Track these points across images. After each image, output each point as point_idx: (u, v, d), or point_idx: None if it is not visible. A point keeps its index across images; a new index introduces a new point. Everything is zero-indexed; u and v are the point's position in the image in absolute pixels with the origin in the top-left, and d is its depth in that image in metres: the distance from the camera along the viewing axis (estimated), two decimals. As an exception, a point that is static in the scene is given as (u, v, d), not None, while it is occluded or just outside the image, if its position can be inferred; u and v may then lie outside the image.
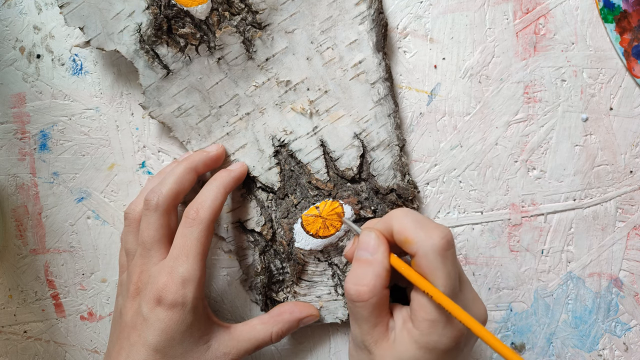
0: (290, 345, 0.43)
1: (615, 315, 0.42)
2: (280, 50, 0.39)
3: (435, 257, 0.30)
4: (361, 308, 0.32)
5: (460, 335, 0.31)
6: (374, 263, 0.32)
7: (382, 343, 0.32)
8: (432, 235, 0.31)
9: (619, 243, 0.41)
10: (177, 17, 0.38)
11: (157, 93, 0.39)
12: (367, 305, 0.32)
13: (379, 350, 0.32)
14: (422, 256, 0.30)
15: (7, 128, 0.42)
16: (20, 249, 0.42)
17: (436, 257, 0.30)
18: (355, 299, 0.32)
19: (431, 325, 0.30)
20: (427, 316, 0.30)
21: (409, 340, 0.31)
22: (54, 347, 0.43)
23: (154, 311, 0.34)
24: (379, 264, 0.32)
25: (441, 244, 0.30)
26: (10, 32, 0.41)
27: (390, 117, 0.40)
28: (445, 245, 0.30)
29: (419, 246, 0.31)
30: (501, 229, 0.41)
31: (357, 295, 0.32)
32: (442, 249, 0.30)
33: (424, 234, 0.31)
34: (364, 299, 0.31)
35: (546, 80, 0.40)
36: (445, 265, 0.30)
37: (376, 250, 0.32)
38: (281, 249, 0.40)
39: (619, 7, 0.39)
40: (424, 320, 0.30)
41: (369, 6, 0.39)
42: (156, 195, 0.36)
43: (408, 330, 0.31)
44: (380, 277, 0.32)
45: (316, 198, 0.40)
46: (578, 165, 0.41)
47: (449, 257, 0.31)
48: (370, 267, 0.32)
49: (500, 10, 0.40)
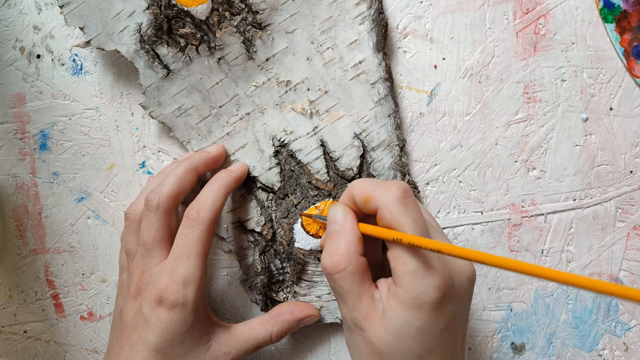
0: (290, 345, 0.43)
1: (615, 315, 0.42)
2: (281, 50, 0.39)
3: (396, 205, 0.30)
4: (340, 280, 0.31)
5: (444, 287, 0.29)
6: (344, 231, 0.32)
7: (372, 317, 0.31)
8: (390, 187, 0.31)
9: (619, 243, 0.41)
10: (178, 17, 0.38)
11: (157, 93, 0.39)
12: (345, 275, 0.31)
13: (370, 325, 0.31)
14: (384, 208, 0.31)
15: (7, 128, 0.42)
16: (20, 249, 0.42)
17: (397, 205, 0.30)
18: (332, 271, 0.31)
19: (412, 277, 0.29)
20: (405, 267, 0.30)
21: (396, 303, 0.30)
22: (54, 347, 0.43)
23: (154, 311, 0.34)
24: (348, 231, 0.32)
25: (398, 193, 0.31)
26: (10, 32, 0.41)
27: (390, 117, 0.40)
28: (403, 194, 0.31)
29: (379, 200, 0.31)
30: (501, 229, 0.41)
31: (333, 267, 0.31)
32: (400, 197, 0.31)
33: (381, 189, 0.31)
34: (340, 268, 0.31)
35: (546, 80, 0.40)
36: (407, 212, 0.30)
37: (344, 220, 0.32)
38: (281, 249, 0.40)
39: (619, 7, 0.39)
40: (404, 274, 0.30)
41: (369, 6, 0.39)
42: (157, 196, 0.36)
43: (393, 292, 0.30)
44: (352, 244, 0.31)
45: (316, 198, 0.40)
46: (578, 165, 0.41)
47: (409, 204, 0.31)
48: (341, 236, 0.32)
49: (500, 10, 0.40)
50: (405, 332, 0.30)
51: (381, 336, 0.30)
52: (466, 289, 0.31)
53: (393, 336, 0.30)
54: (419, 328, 0.30)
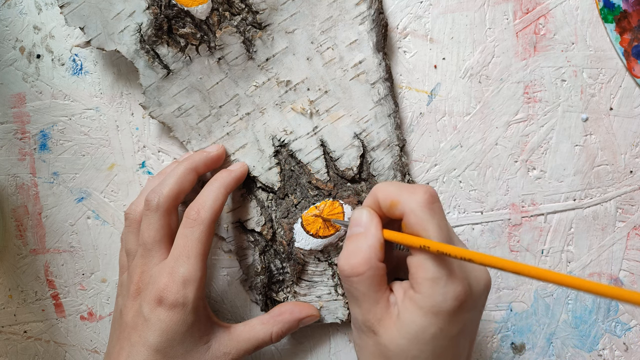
0: (290, 345, 0.43)
1: (615, 315, 0.42)
2: (281, 50, 0.39)
3: (422, 211, 0.30)
4: (358, 283, 0.31)
5: (463, 295, 0.29)
6: (367, 235, 0.31)
7: (386, 320, 0.31)
8: (416, 192, 0.31)
9: (619, 243, 0.41)
10: (178, 17, 0.38)
11: (157, 93, 0.39)
12: (364, 279, 0.30)
13: (383, 328, 0.30)
14: (410, 213, 0.30)
15: (7, 128, 0.42)
16: (20, 249, 0.42)
17: (423, 211, 0.30)
18: (349, 273, 0.31)
19: (433, 284, 0.29)
20: (427, 274, 0.29)
21: (413, 308, 0.30)
22: (54, 347, 0.43)
23: (154, 311, 0.34)
24: (372, 235, 0.31)
25: (425, 197, 0.30)
26: (10, 32, 0.41)
27: (390, 117, 0.40)
28: (430, 199, 0.30)
29: (405, 205, 0.30)
30: (501, 229, 0.41)
31: (352, 270, 0.31)
32: (427, 202, 0.30)
33: (407, 193, 0.31)
34: (359, 272, 0.30)
35: (546, 80, 0.40)
36: (434, 218, 0.30)
37: (369, 223, 0.32)
38: (281, 248, 0.40)
39: (619, 7, 0.39)
40: (424, 281, 0.29)
41: (369, 6, 0.39)
42: (157, 196, 0.36)
43: (410, 297, 0.30)
44: (374, 249, 0.31)
45: (316, 198, 0.40)
46: (578, 165, 0.41)
47: (436, 210, 0.30)
48: (363, 240, 0.31)
49: (500, 10, 0.40)
50: (420, 337, 0.30)
51: (394, 340, 0.30)
52: (481, 296, 0.31)
53: (406, 340, 0.30)
54: (434, 334, 0.29)
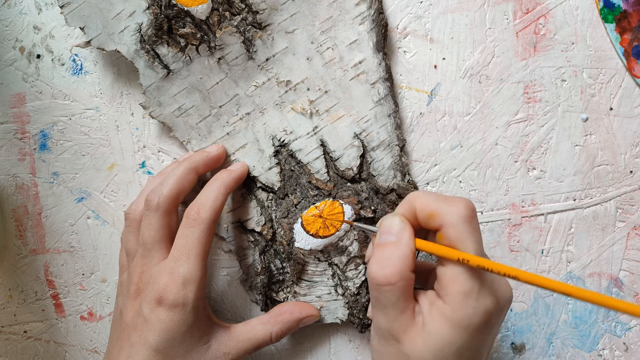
0: (290, 345, 0.43)
1: (615, 315, 0.42)
2: (281, 50, 0.39)
3: (463, 225, 0.30)
4: (389, 293, 0.30)
5: (492, 310, 0.29)
6: (400, 245, 0.31)
7: (411, 330, 0.30)
8: (457, 204, 0.30)
9: (619, 243, 0.41)
10: (178, 17, 0.38)
11: (157, 93, 0.39)
12: (395, 289, 0.30)
13: (407, 337, 0.30)
14: (450, 226, 0.30)
15: (7, 128, 0.42)
16: (20, 249, 0.42)
17: (464, 225, 0.30)
18: (382, 282, 0.30)
19: (464, 298, 0.29)
20: (461, 287, 0.29)
21: (441, 319, 0.29)
22: (54, 347, 0.43)
23: (154, 311, 0.34)
24: (405, 245, 0.31)
25: (467, 211, 0.30)
26: (10, 32, 0.41)
27: (390, 117, 0.40)
28: (470, 213, 0.30)
29: (444, 217, 0.30)
30: (501, 229, 0.41)
31: (385, 279, 0.30)
32: (468, 216, 0.30)
33: (447, 205, 0.30)
34: (392, 282, 0.30)
35: (546, 80, 0.40)
36: (473, 234, 0.30)
37: (401, 233, 0.31)
38: (281, 248, 0.40)
39: (619, 7, 0.39)
40: (457, 294, 0.29)
41: (369, 6, 0.39)
42: (157, 196, 0.36)
43: (438, 308, 0.30)
44: (407, 259, 0.31)
45: (316, 198, 0.40)
46: (578, 165, 0.41)
47: (475, 225, 0.30)
48: (396, 249, 0.31)
49: (500, 10, 0.40)
50: (445, 350, 0.29)
51: (418, 350, 0.30)
52: (505, 309, 0.31)
53: (431, 353, 0.30)
54: (460, 347, 0.29)
